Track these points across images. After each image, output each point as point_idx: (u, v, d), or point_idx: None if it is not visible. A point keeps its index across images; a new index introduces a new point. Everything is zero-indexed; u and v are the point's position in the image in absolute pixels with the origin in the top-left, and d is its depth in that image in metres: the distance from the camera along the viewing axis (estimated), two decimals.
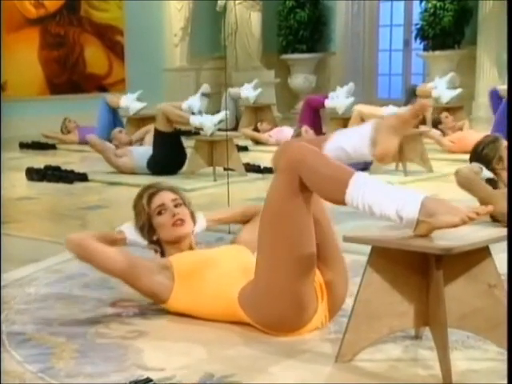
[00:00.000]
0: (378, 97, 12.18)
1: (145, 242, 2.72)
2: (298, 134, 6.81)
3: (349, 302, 2.49)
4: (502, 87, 7.27)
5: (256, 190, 5.92)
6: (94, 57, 10.63)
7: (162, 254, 2.73)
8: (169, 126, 6.26)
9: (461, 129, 7.40)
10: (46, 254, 3.88)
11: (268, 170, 6.45)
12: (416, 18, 11.09)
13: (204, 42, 11.25)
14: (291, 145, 2.30)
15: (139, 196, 2.73)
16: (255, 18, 11.45)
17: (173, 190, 2.76)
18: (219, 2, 4.78)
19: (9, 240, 4.13)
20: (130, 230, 2.71)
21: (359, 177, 2.13)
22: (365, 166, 6.19)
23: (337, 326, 2.42)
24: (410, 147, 6.12)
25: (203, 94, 6.67)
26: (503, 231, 2.18)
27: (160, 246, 2.73)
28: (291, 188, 2.24)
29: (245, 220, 2.89)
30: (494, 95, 7.38)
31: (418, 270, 2.15)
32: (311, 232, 2.30)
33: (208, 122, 6.11)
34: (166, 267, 2.55)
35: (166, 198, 2.70)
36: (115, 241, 2.67)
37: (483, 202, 3.86)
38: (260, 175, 6.33)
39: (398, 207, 2.06)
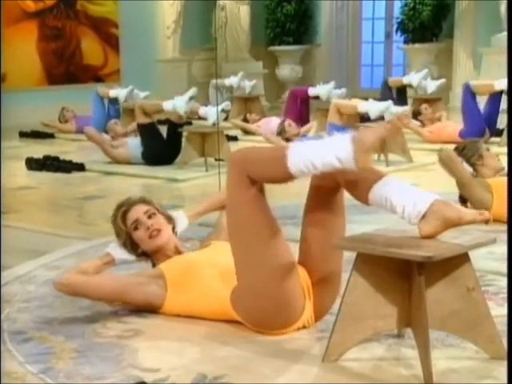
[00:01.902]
0: (361, 86, 12.15)
1: (133, 257, 2.69)
2: (281, 129, 6.74)
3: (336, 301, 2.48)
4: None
5: None
6: (90, 49, 10.52)
7: (153, 263, 2.70)
8: (147, 118, 6.25)
9: (439, 120, 7.39)
10: (44, 246, 3.85)
11: None
12: (397, 12, 11.06)
13: (195, 34, 11.14)
14: (234, 152, 2.34)
15: (114, 216, 2.70)
16: (244, 12, 11.36)
17: (143, 201, 2.72)
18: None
19: (8, 231, 4.08)
20: (116, 250, 2.67)
21: (294, 147, 2.18)
22: None
23: (323, 325, 2.40)
24: (391, 139, 6.10)
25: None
26: (481, 237, 2.17)
27: (147, 256, 2.70)
28: (242, 186, 2.24)
29: (222, 207, 2.82)
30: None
31: (401, 274, 2.13)
32: (275, 228, 2.29)
33: (179, 102, 6.07)
34: (157, 276, 2.52)
35: (138, 212, 2.66)
36: (104, 265, 2.64)
37: (460, 184, 3.84)
38: None
39: (333, 152, 2.09)
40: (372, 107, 6.04)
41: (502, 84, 6.72)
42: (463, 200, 3.87)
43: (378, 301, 2.13)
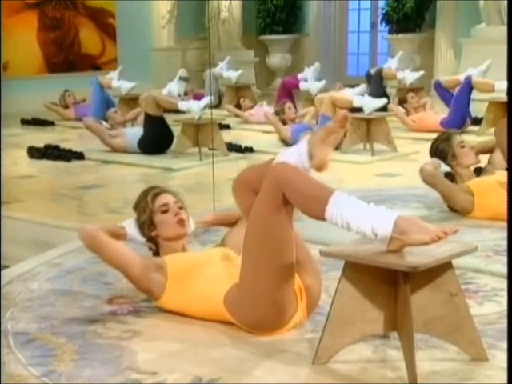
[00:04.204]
0: (348, 74, 12.08)
1: (143, 239, 2.66)
2: (281, 110, 6.66)
3: (324, 298, 2.47)
4: (445, 78, 7.23)
5: (238, 169, 5.83)
6: (88, 38, 10.40)
7: (156, 252, 2.67)
8: (158, 111, 6.15)
9: (423, 106, 7.35)
10: (47, 238, 3.82)
11: (249, 150, 6.38)
12: (382, 3, 10.98)
13: (189, 23, 11.02)
14: (278, 164, 2.23)
15: (144, 194, 2.67)
16: (236, 2, 11.23)
17: (174, 194, 2.73)
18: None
19: (12, 223, 4.04)
20: (130, 227, 2.65)
21: (338, 195, 2.10)
22: (336, 146, 6.14)
23: (313, 325, 2.38)
24: (376, 129, 6.07)
25: (181, 78, 6.48)
26: (464, 246, 2.16)
27: (156, 243, 2.67)
28: (275, 203, 2.19)
29: (229, 224, 2.84)
30: (437, 86, 7.35)
31: (387, 280, 2.11)
32: (292, 243, 2.26)
33: (195, 107, 6.01)
34: (160, 267, 2.49)
35: (169, 198, 2.67)
36: (118, 235, 2.60)
37: (444, 196, 3.82)
38: (241, 155, 6.26)
39: (373, 225, 2.02)
40: (367, 103, 5.98)
41: (502, 85, 6.68)
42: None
43: (366, 306, 2.11)
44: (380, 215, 2.03)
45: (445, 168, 3.86)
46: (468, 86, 6.91)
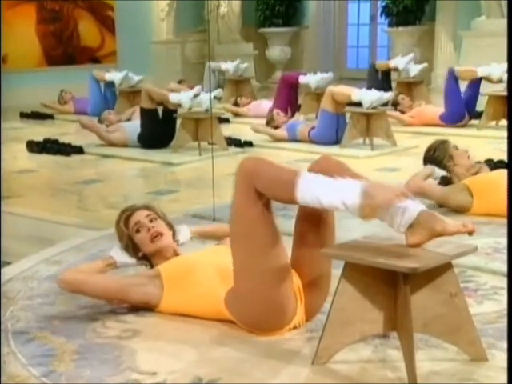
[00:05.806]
0: (347, 67, 12.05)
1: (133, 261, 2.67)
2: (270, 119, 6.62)
3: (328, 299, 2.45)
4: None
5: (237, 164, 5.83)
6: (87, 31, 10.36)
7: (152, 266, 2.67)
8: (151, 104, 6.14)
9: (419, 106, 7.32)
10: (46, 234, 3.82)
11: (248, 144, 6.36)
12: None
13: (188, 16, 10.99)
14: (244, 160, 2.23)
15: (117, 220, 2.68)
16: None
17: (146, 207, 2.71)
18: None
19: (12, 218, 4.03)
20: (117, 254, 2.65)
21: (305, 175, 2.12)
22: (336, 141, 6.14)
23: (313, 325, 2.37)
24: (376, 124, 6.06)
25: (216, 98, 6.44)
26: (464, 246, 2.15)
27: (148, 259, 2.67)
28: (250, 198, 2.19)
29: (221, 237, 2.84)
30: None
31: (387, 281, 2.11)
32: (279, 240, 2.25)
33: (185, 98, 6.00)
34: (155, 276, 2.49)
35: (140, 215, 2.65)
36: (106, 267, 2.62)
37: (439, 202, 3.80)
38: (241, 149, 6.24)
39: (342, 197, 2.03)
40: (365, 97, 5.95)
41: (484, 71, 6.71)
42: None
43: (366, 306, 2.11)
44: (347, 187, 2.05)
45: (439, 173, 3.86)
46: (451, 77, 6.88)
